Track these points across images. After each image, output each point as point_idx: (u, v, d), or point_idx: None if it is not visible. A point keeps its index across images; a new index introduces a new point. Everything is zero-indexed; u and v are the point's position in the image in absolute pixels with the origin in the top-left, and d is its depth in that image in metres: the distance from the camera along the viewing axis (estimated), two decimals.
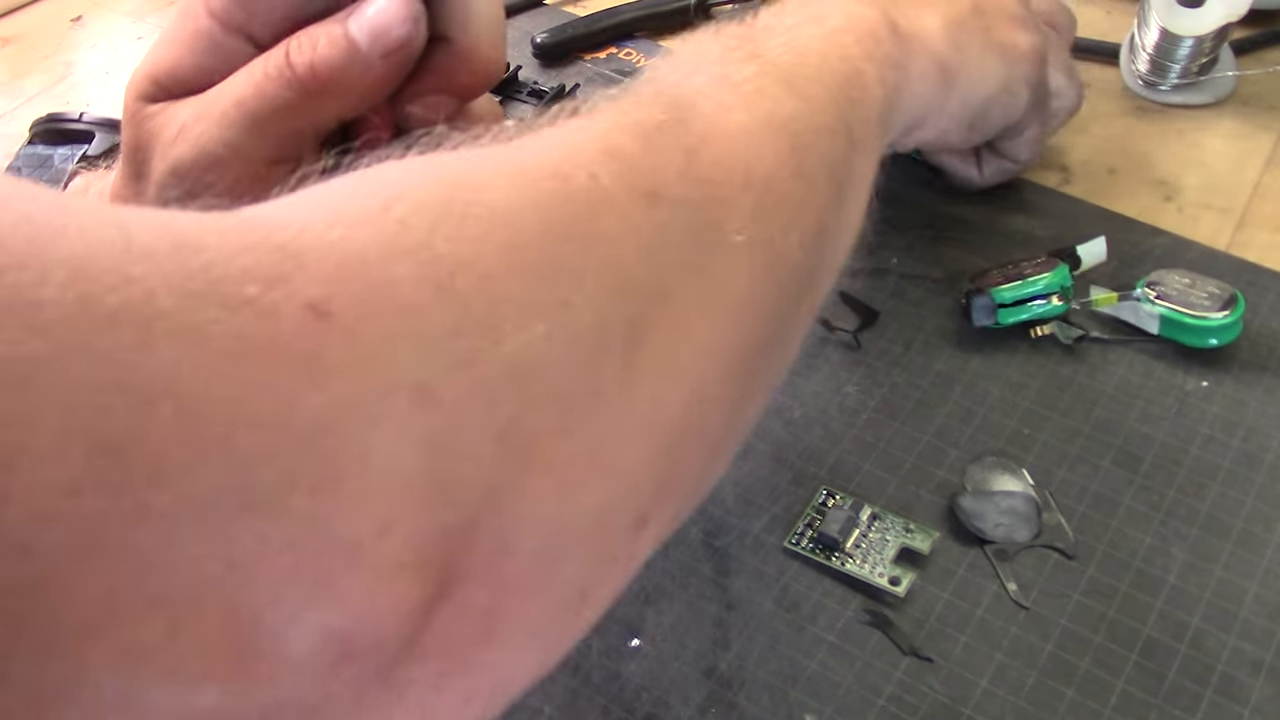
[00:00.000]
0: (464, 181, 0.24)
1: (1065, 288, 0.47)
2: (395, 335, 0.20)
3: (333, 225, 0.21)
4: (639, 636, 0.39)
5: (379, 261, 0.20)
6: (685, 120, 0.30)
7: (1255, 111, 0.61)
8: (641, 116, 0.29)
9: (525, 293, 0.22)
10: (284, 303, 0.18)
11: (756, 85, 0.33)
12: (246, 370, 0.18)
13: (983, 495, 0.43)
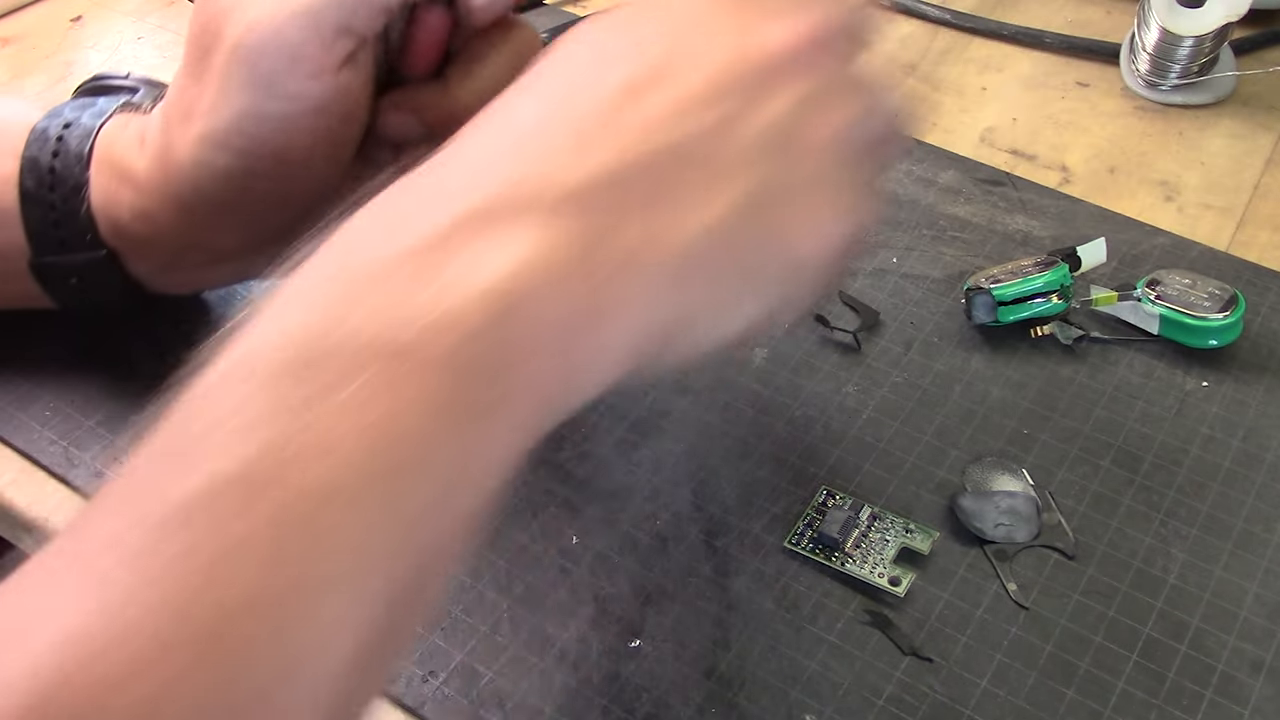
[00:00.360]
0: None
1: (1065, 286, 0.47)
2: None
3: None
4: (639, 636, 0.39)
5: None
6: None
7: (1255, 111, 0.61)
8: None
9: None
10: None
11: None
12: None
13: (983, 495, 0.43)
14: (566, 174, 0.28)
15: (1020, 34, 0.66)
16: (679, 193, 0.30)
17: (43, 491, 0.44)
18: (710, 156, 0.30)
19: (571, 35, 0.33)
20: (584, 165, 0.29)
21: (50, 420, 0.45)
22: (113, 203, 0.42)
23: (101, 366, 0.47)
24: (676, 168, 0.30)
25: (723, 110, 0.31)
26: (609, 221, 0.28)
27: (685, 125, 0.30)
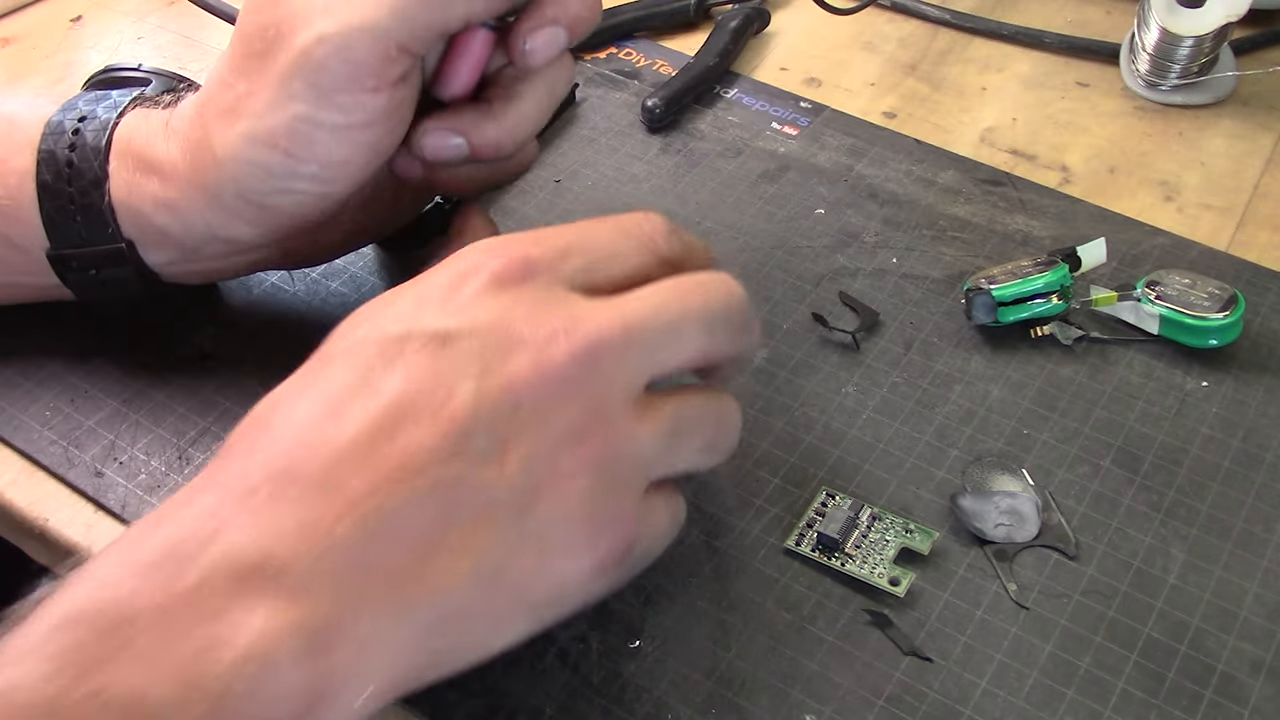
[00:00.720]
0: None
1: (1065, 286, 0.47)
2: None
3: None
4: (639, 636, 0.39)
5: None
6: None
7: (1255, 111, 0.61)
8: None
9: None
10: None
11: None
12: None
13: (983, 495, 0.43)
14: (311, 544, 0.29)
15: (1020, 34, 0.66)
16: (425, 552, 0.31)
17: (43, 491, 0.44)
18: (454, 510, 0.31)
19: (341, 337, 0.35)
20: (329, 534, 0.30)
21: (50, 420, 0.45)
22: (135, 194, 0.42)
23: (102, 367, 0.47)
24: (421, 525, 0.31)
25: (464, 460, 0.31)
26: (353, 590, 0.29)
27: (428, 477, 0.31)
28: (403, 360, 0.32)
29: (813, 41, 0.66)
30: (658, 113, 0.59)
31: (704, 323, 0.36)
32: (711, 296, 0.36)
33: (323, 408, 0.32)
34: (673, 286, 0.36)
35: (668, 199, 0.55)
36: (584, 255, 0.36)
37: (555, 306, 0.34)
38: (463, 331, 0.33)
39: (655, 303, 0.35)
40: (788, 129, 0.60)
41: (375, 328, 0.34)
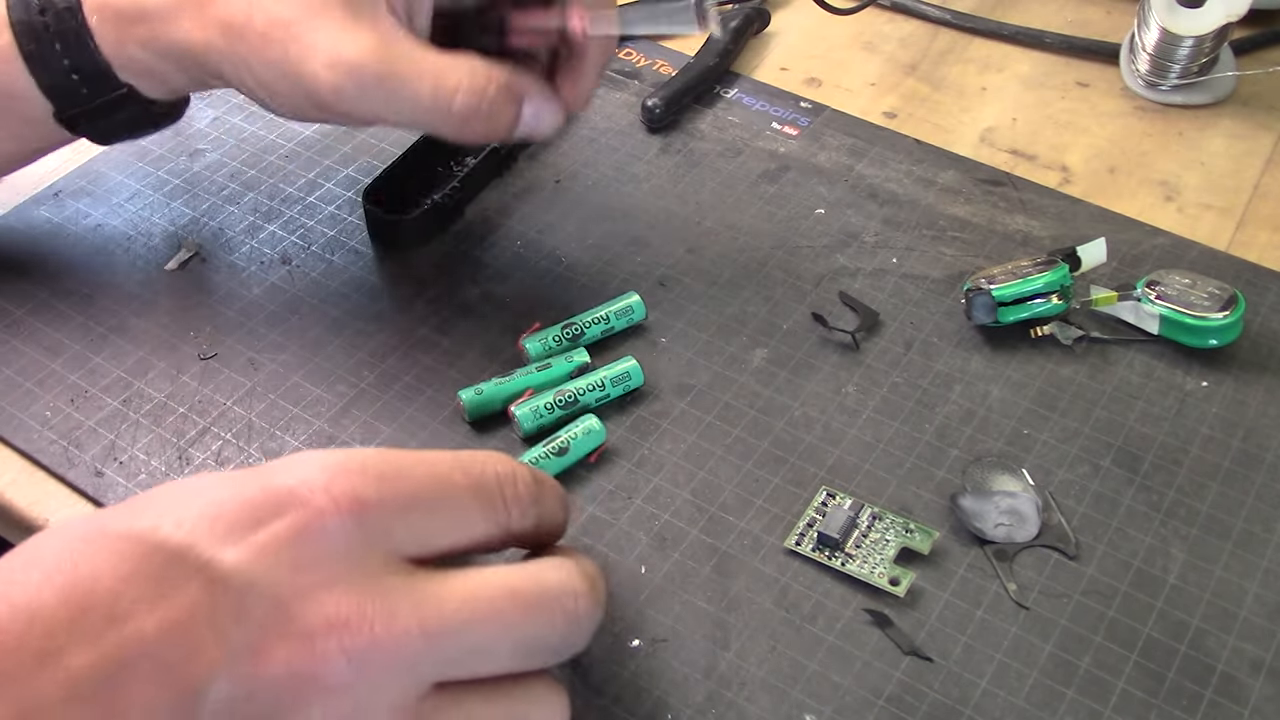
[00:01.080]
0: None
1: (1065, 286, 0.47)
2: None
3: None
4: (639, 636, 0.39)
5: None
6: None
7: (1255, 111, 0.61)
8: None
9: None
10: None
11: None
12: None
13: (983, 495, 0.43)
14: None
15: (1020, 34, 0.66)
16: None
17: (43, 491, 0.44)
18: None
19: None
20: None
21: (50, 420, 0.45)
22: (125, 42, 0.43)
23: (102, 367, 0.47)
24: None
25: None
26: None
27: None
28: (164, 588, 0.28)
29: (813, 41, 0.66)
30: (658, 113, 0.59)
31: (521, 650, 0.31)
32: (540, 624, 0.31)
33: (61, 605, 0.27)
34: (501, 598, 0.31)
35: (668, 199, 0.55)
36: (426, 516, 0.31)
37: (351, 586, 0.29)
38: (237, 583, 0.28)
39: (467, 616, 0.30)
40: (788, 129, 0.60)
41: (157, 521, 0.29)
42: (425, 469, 0.32)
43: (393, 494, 0.30)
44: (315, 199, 0.55)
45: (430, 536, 0.31)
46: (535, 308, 0.50)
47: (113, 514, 0.30)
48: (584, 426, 0.44)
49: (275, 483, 0.30)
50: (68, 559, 0.28)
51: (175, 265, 0.52)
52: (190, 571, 0.28)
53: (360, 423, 0.46)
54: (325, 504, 0.29)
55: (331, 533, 0.29)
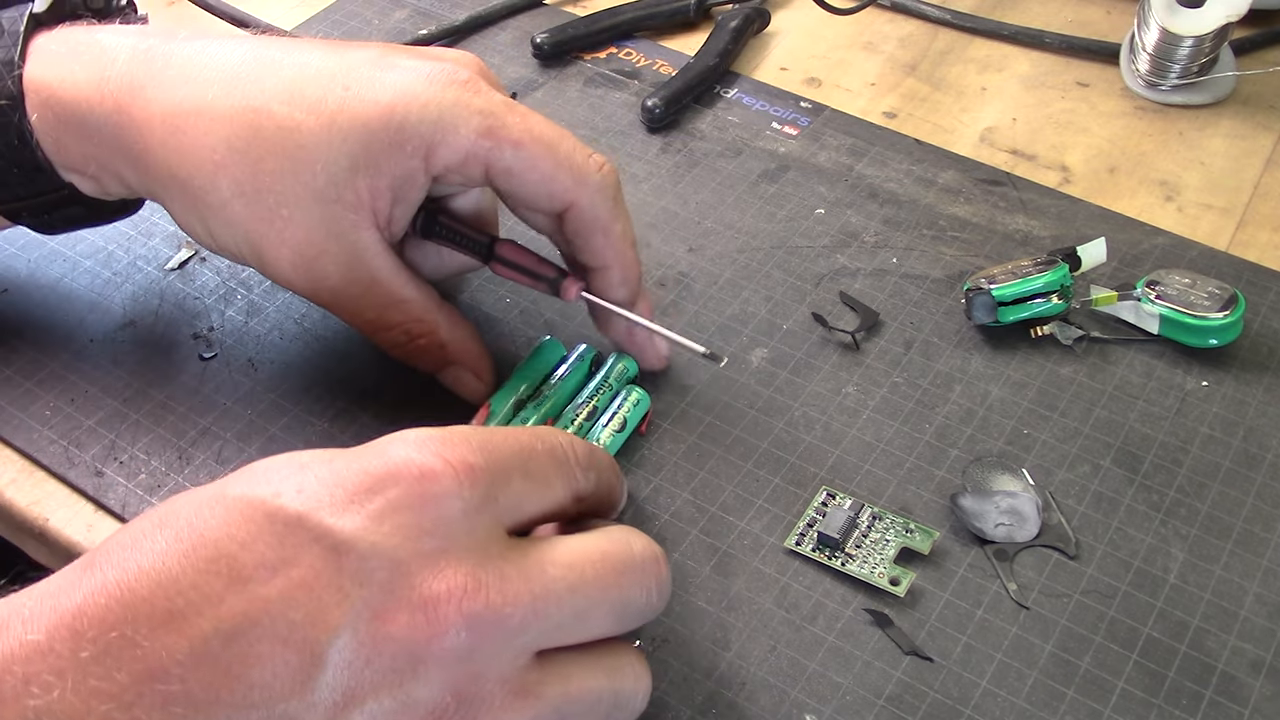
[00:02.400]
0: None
1: (1065, 286, 0.47)
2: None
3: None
4: (639, 637, 0.39)
5: None
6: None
7: (1255, 111, 0.61)
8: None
9: None
10: None
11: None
12: None
13: (983, 495, 0.43)
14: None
15: (1020, 34, 0.66)
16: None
17: (43, 491, 0.44)
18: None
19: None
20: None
21: (50, 420, 0.45)
22: (63, 149, 0.41)
23: (102, 367, 0.47)
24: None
25: (300, 699, 0.27)
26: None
27: (257, 709, 0.27)
28: (287, 552, 0.28)
29: (813, 41, 0.66)
30: (658, 113, 0.59)
31: (615, 613, 0.32)
32: (634, 588, 0.32)
33: (188, 568, 0.28)
34: (598, 563, 0.32)
35: (668, 199, 0.55)
36: (521, 483, 0.32)
37: (467, 553, 0.30)
38: (359, 548, 0.29)
39: (572, 580, 0.31)
40: (788, 129, 0.60)
41: (278, 489, 0.30)
42: (514, 440, 0.33)
43: (496, 462, 0.32)
44: None
45: (524, 503, 0.32)
46: (535, 308, 0.50)
47: (233, 480, 0.30)
48: (632, 398, 0.44)
49: (391, 452, 0.31)
50: (192, 523, 0.29)
51: (175, 265, 0.52)
52: (311, 537, 0.29)
53: (360, 423, 0.46)
54: (442, 469, 0.30)
55: (447, 499, 0.30)
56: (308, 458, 0.31)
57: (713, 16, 0.67)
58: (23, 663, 0.26)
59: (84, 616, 0.27)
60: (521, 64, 0.64)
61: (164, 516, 0.29)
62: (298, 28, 0.66)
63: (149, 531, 0.29)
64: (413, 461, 0.30)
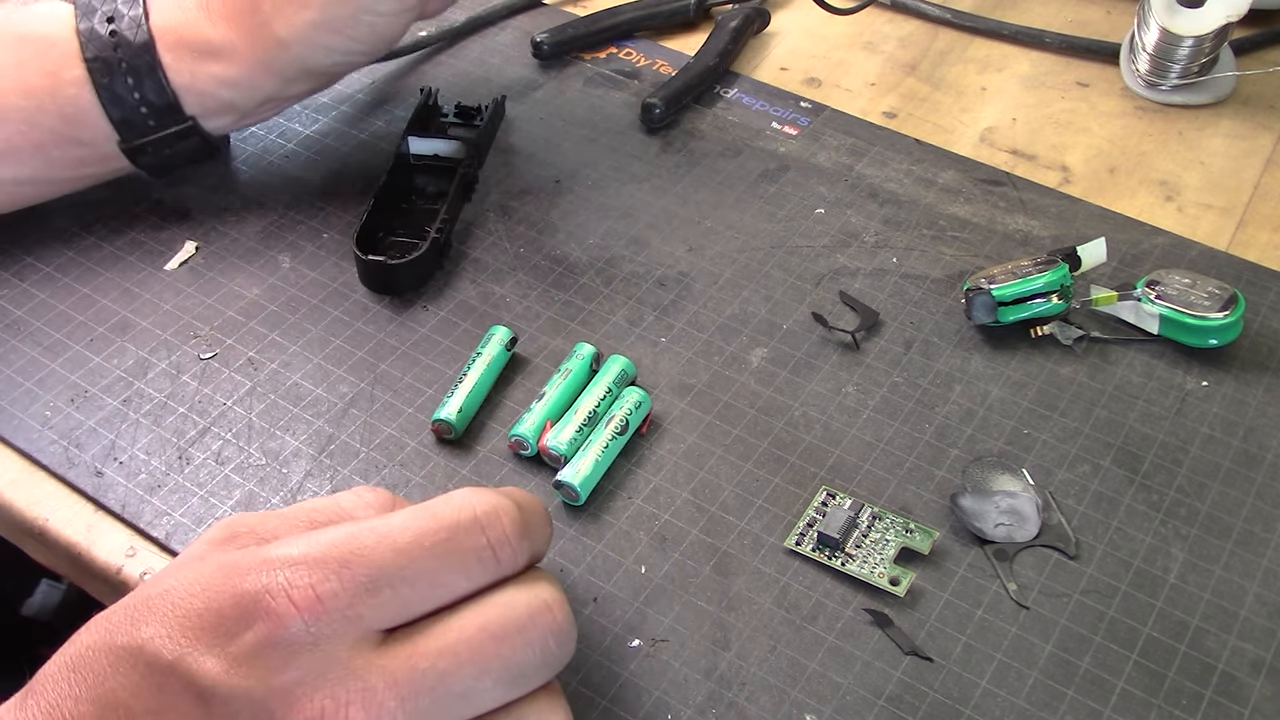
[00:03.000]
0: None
1: (1065, 286, 0.47)
2: None
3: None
4: (639, 636, 0.39)
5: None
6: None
7: (1255, 111, 0.61)
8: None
9: None
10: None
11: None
12: None
13: (983, 495, 0.43)
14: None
15: (1020, 34, 0.66)
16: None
17: (43, 491, 0.44)
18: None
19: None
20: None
21: (50, 420, 0.45)
22: (199, 79, 0.48)
23: (102, 367, 0.47)
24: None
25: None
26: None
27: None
28: (166, 699, 0.30)
29: (813, 41, 0.66)
30: (658, 113, 0.59)
31: (508, 680, 0.32)
32: (520, 650, 0.32)
33: (99, 714, 0.30)
34: (475, 638, 0.31)
35: (668, 199, 0.55)
36: (396, 589, 0.31)
37: (324, 678, 0.30)
38: (221, 693, 0.30)
39: (443, 668, 0.31)
40: (788, 129, 0.60)
41: (154, 633, 0.31)
42: (390, 543, 0.32)
43: (353, 582, 0.31)
44: (315, 199, 0.55)
45: (405, 607, 0.31)
46: (535, 307, 0.50)
47: (124, 624, 0.32)
48: (633, 400, 0.44)
49: (243, 589, 0.31)
50: (102, 672, 0.31)
51: (175, 265, 0.52)
52: (182, 685, 0.30)
53: (360, 423, 0.46)
54: (286, 610, 0.30)
55: (297, 635, 0.30)
56: (179, 587, 0.32)
57: (713, 16, 0.67)
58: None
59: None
60: (521, 64, 0.64)
61: (75, 661, 0.31)
62: None
63: (64, 676, 0.31)
64: (259, 601, 0.30)
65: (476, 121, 0.57)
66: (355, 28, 0.48)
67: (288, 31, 0.48)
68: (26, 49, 0.48)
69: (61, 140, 0.48)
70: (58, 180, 0.51)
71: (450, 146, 0.55)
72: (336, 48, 0.49)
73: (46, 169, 0.49)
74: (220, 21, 0.48)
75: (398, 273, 0.50)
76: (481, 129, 0.56)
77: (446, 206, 0.52)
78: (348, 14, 0.48)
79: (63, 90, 0.47)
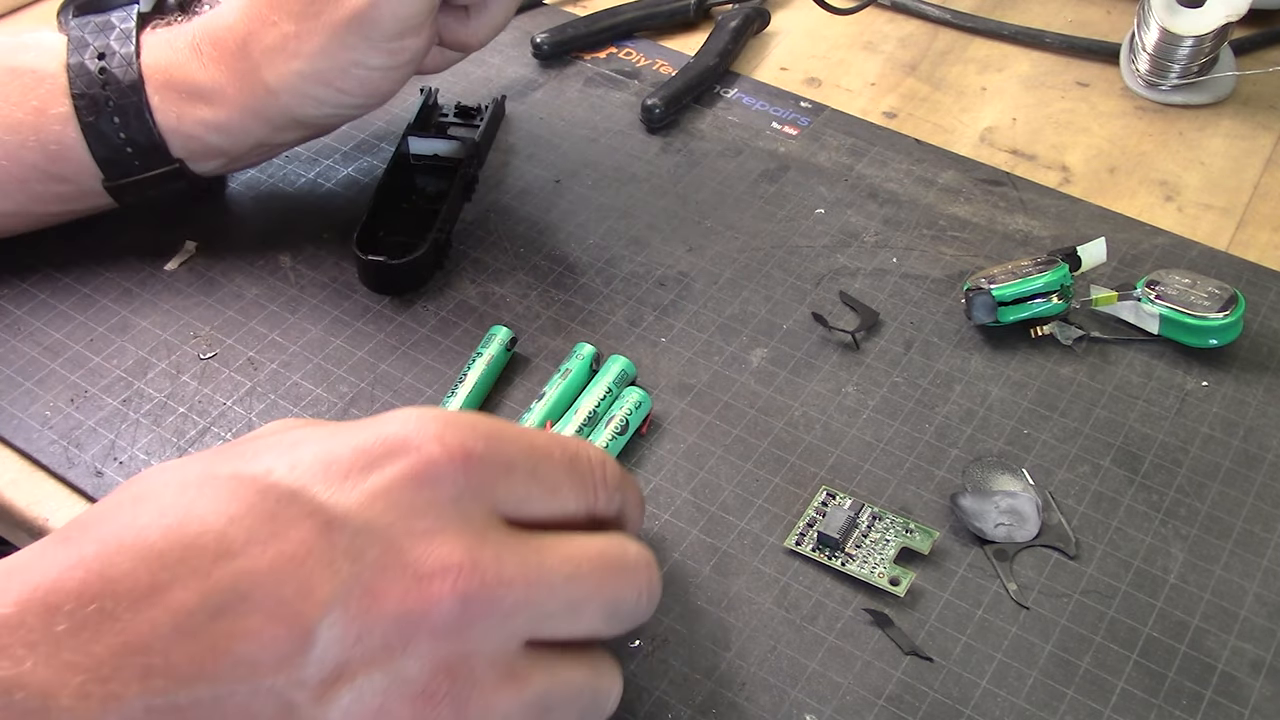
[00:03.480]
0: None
1: (1065, 286, 0.47)
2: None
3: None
4: (639, 637, 0.39)
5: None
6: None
7: (1255, 111, 0.61)
8: None
9: None
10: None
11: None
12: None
13: (983, 495, 0.43)
14: (96, 703, 0.26)
15: (1020, 34, 0.66)
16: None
17: (43, 491, 0.44)
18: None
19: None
20: (118, 699, 0.26)
21: (50, 420, 0.45)
22: (186, 121, 0.47)
23: (102, 367, 0.47)
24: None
25: (287, 674, 0.27)
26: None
27: (245, 682, 0.27)
28: (278, 527, 0.28)
29: (813, 41, 0.66)
30: (658, 113, 0.59)
31: (606, 611, 0.32)
32: (627, 588, 0.32)
33: (173, 543, 0.27)
34: (595, 559, 0.32)
35: (668, 199, 0.55)
36: (525, 481, 0.32)
37: (462, 533, 0.29)
38: (351, 524, 0.29)
39: (568, 572, 0.31)
40: (788, 129, 0.60)
41: (270, 463, 0.30)
42: (527, 438, 0.33)
43: (499, 453, 0.31)
44: (315, 199, 0.55)
45: (527, 501, 0.32)
46: (535, 307, 0.50)
47: (219, 457, 0.30)
48: (633, 400, 0.44)
49: (388, 430, 0.30)
50: (177, 499, 0.28)
51: (175, 265, 0.52)
52: (304, 512, 0.28)
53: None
54: (438, 452, 0.30)
55: (443, 480, 0.30)
56: (299, 435, 0.31)
57: (713, 16, 0.67)
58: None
59: (59, 590, 0.26)
60: (521, 64, 0.64)
61: (143, 492, 0.29)
62: None
63: (128, 505, 0.28)
64: (409, 441, 0.30)
65: (476, 121, 0.57)
66: (345, 80, 0.46)
67: (276, 80, 0.46)
68: (14, 82, 0.46)
69: (45, 176, 0.47)
70: (41, 214, 0.49)
71: (450, 146, 0.55)
72: (326, 100, 0.47)
73: (30, 203, 0.48)
74: (211, 65, 0.46)
75: (398, 273, 0.50)
76: (481, 129, 0.56)
77: (446, 206, 0.52)
78: (337, 67, 0.46)
79: (47, 126, 0.46)
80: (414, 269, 0.50)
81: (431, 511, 0.29)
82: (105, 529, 0.28)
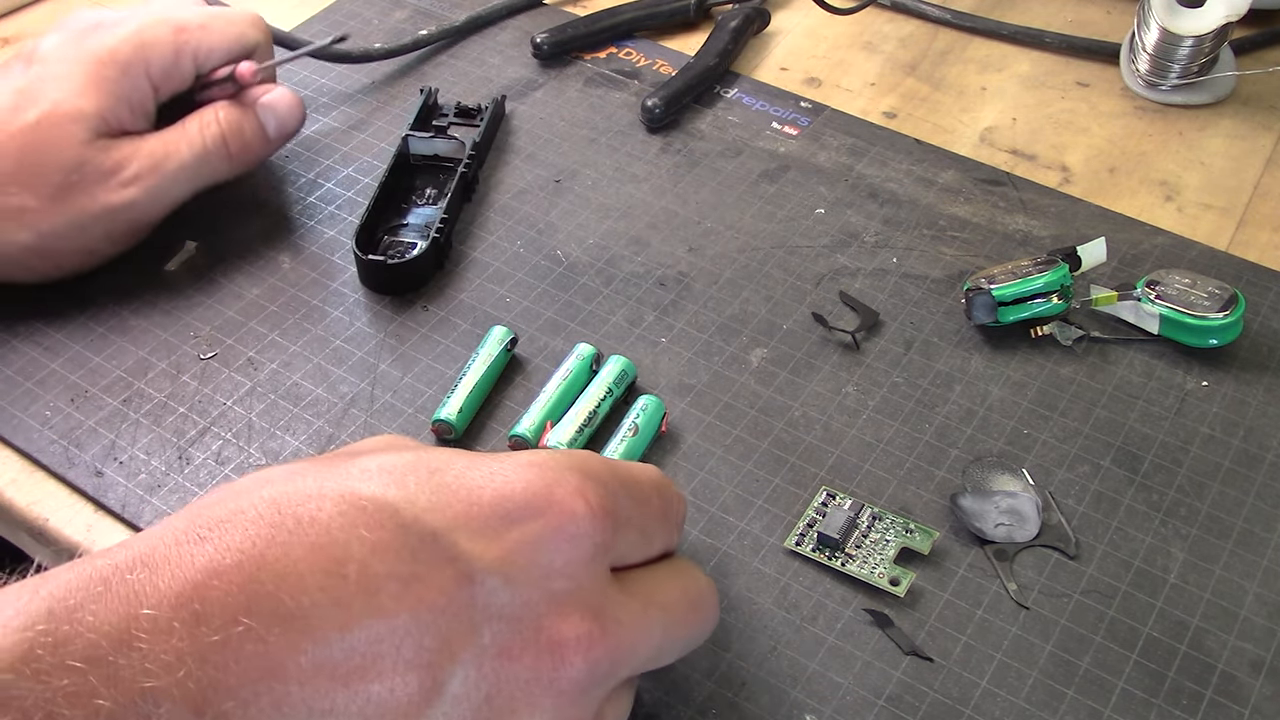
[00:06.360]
0: None
1: (1065, 286, 0.47)
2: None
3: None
4: None
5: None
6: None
7: (1255, 111, 0.61)
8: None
9: None
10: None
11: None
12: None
13: (983, 495, 0.43)
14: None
15: (1020, 34, 0.66)
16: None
17: (43, 491, 0.44)
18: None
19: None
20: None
21: (50, 420, 0.45)
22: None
23: (102, 367, 0.47)
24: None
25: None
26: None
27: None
28: (419, 568, 0.28)
29: (813, 41, 0.66)
30: (658, 113, 0.59)
31: (681, 646, 0.34)
32: (706, 625, 0.35)
33: (315, 568, 0.27)
34: (681, 603, 0.33)
35: (668, 199, 0.55)
36: (636, 536, 0.32)
37: (592, 596, 0.30)
38: (492, 580, 0.28)
39: (666, 621, 0.32)
40: (788, 129, 0.60)
41: (412, 497, 0.29)
42: (638, 491, 0.33)
43: (624, 510, 0.32)
44: (315, 199, 0.55)
45: (630, 552, 0.33)
46: (535, 307, 0.50)
47: (358, 475, 0.29)
48: (643, 403, 0.44)
49: (531, 478, 0.30)
50: (315, 517, 0.27)
51: (175, 265, 0.52)
52: (445, 558, 0.28)
53: (360, 423, 0.46)
54: (582, 512, 0.30)
55: (582, 541, 0.30)
56: (439, 460, 0.31)
57: (713, 16, 0.67)
58: (145, 638, 0.25)
59: (204, 599, 0.25)
60: (521, 64, 0.64)
61: (278, 500, 0.28)
62: (298, 28, 0.66)
63: (266, 515, 0.27)
64: (552, 495, 0.30)
65: (476, 121, 0.57)
66: (69, 259, 0.48)
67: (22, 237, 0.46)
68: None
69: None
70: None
71: (450, 146, 0.55)
72: (36, 269, 0.48)
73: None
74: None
75: (398, 273, 0.50)
76: (481, 129, 0.56)
77: (446, 206, 0.52)
78: (70, 249, 0.47)
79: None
80: (414, 269, 0.50)
81: (568, 571, 0.30)
82: (242, 537, 0.27)
